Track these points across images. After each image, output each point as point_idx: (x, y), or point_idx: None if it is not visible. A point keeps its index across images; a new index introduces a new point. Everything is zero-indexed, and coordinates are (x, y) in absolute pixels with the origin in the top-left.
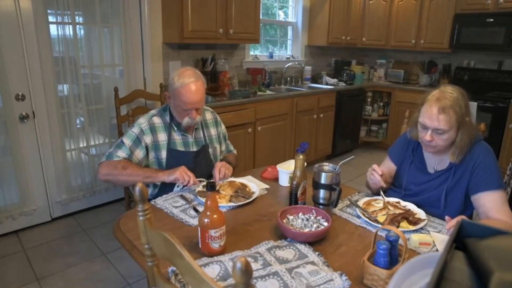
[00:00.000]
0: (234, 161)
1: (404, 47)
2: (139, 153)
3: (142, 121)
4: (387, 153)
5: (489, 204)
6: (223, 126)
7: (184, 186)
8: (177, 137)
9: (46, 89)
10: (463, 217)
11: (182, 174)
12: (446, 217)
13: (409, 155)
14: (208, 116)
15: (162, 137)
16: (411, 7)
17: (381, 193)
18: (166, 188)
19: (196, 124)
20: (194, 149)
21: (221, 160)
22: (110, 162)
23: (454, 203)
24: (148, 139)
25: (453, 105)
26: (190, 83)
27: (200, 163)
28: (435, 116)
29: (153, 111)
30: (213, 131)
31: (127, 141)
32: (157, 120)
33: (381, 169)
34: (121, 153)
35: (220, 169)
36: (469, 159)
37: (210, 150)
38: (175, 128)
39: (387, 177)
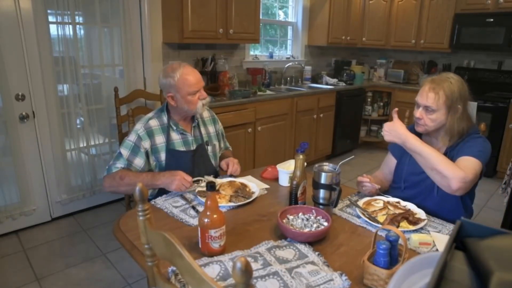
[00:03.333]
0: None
1: (404, 47)
2: (140, 161)
3: (139, 126)
4: (388, 150)
5: (459, 163)
6: (220, 124)
7: None
8: (176, 136)
9: (46, 89)
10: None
11: (179, 186)
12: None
13: None
14: (205, 114)
15: (160, 139)
16: (411, 7)
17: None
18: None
19: (205, 106)
20: (194, 147)
21: (221, 157)
22: (109, 175)
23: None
24: (146, 144)
25: (445, 88)
26: (183, 68)
27: (198, 162)
28: (425, 94)
29: (149, 115)
30: (211, 129)
31: (124, 151)
32: (153, 123)
33: (367, 176)
34: (119, 164)
35: (234, 165)
36: (463, 143)
37: (209, 148)
38: (174, 128)
39: (387, 175)
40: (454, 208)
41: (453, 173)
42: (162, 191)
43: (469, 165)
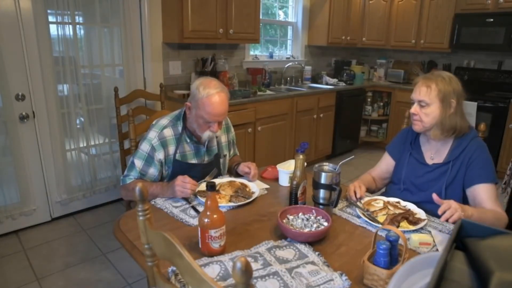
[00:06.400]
0: None
1: (404, 47)
2: (153, 171)
3: (152, 136)
4: (385, 150)
5: (483, 195)
6: (232, 130)
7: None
8: (188, 148)
9: (46, 89)
10: (452, 202)
11: (180, 192)
12: (434, 195)
13: (407, 147)
14: None
15: (173, 149)
16: (411, 7)
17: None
18: None
19: (214, 137)
20: (206, 158)
21: (234, 165)
22: (124, 186)
23: (453, 199)
24: (160, 154)
25: (438, 82)
26: (216, 94)
27: (208, 175)
28: (418, 89)
29: (164, 121)
30: (224, 138)
31: (138, 162)
32: (168, 133)
33: (363, 188)
34: (132, 176)
35: (255, 172)
36: (465, 153)
37: (221, 160)
38: (188, 140)
39: (384, 173)
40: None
41: (499, 222)
42: None
43: (497, 200)
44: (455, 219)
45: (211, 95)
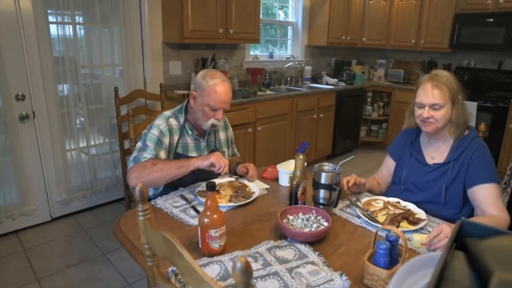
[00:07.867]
0: None
1: (404, 47)
2: (163, 155)
3: (160, 122)
4: (386, 151)
5: (482, 197)
6: (230, 129)
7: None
8: (190, 141)
9: (46, 89)
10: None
11: (218, 159)
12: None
13: (407, 148)
14: None
15: (176, 139)
16: (411, 7)
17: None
18: (169, 190)
19: (217, 126)
20: (206, 153)
21: (233, 165)
22: (138, 165)
23: (454, 199)
24: (167, 140)
25: (445, 82)
26: (221, 83)
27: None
28: (430, 92)
29: (167, 113)
30: (222, 135)
31: (150, 143)
32: (173, 122)
33: (354, 177)
34: (147, 155)
35: (253, 171)
36: (466, 153)
37: None
38: (189, 132)
39: (387, 177)
40: (455, 210)
41: (503, 224)
42: (163, 192)
43: (498, 200)
44: (441, 246)
45: (217, 84)
